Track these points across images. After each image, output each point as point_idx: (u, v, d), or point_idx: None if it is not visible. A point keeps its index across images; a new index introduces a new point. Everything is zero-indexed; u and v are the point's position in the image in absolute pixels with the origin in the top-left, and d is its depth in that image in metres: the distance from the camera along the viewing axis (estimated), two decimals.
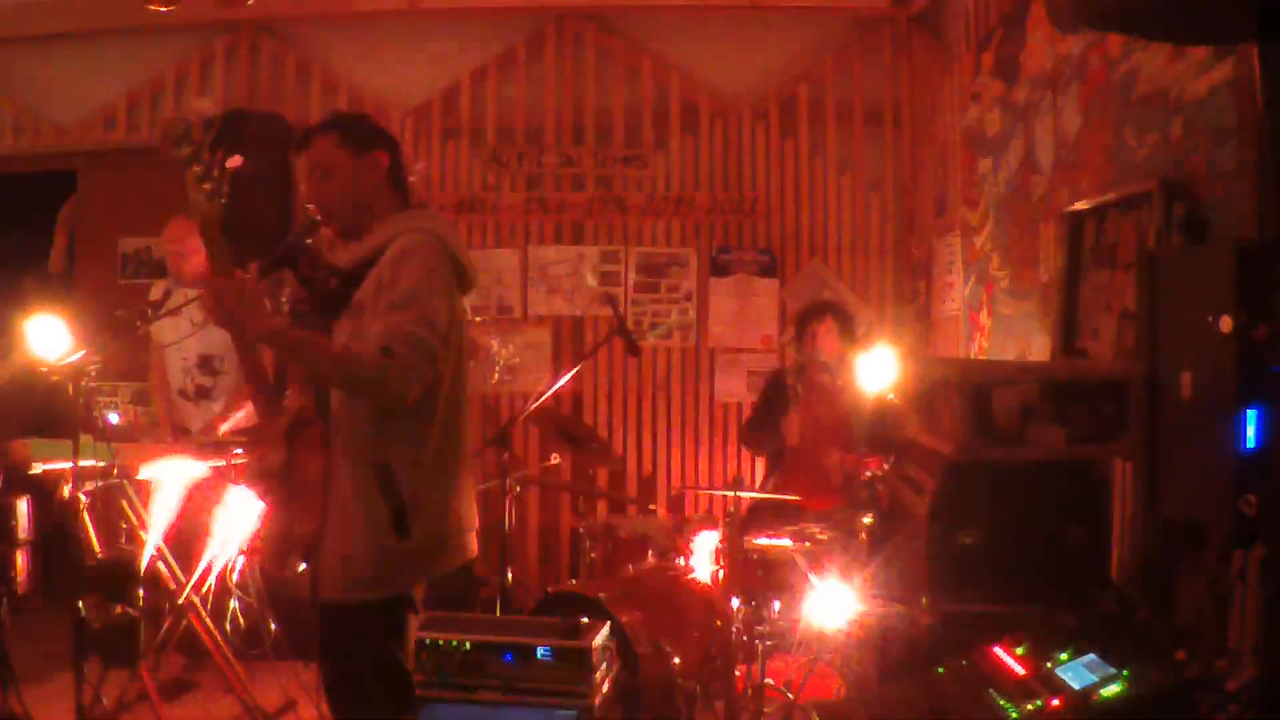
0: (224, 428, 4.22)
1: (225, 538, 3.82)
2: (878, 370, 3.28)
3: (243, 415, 4.25)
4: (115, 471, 3.64)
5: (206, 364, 4.32)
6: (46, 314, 3.15)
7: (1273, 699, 1.74)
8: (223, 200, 2.28)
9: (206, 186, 2.26)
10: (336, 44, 5.88)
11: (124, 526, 3.79)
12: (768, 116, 5.68)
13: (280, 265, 2.49)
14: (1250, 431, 1.84)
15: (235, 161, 2.28)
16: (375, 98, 5.74)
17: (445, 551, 2.47)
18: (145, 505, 3.76)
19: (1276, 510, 1.80)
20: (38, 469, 3.62)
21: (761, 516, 4.21)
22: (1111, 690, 1.80)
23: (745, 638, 3.61)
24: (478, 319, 5.49)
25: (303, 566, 2.40)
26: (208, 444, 3.93)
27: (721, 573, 3.87)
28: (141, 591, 3.60)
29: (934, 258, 5.30)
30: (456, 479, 2.47)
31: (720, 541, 3.94)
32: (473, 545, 2.55)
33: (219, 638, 3.93)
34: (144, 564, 3.67)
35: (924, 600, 2.50)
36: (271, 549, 2.44)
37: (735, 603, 3.69)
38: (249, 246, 2.73)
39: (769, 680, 3.56)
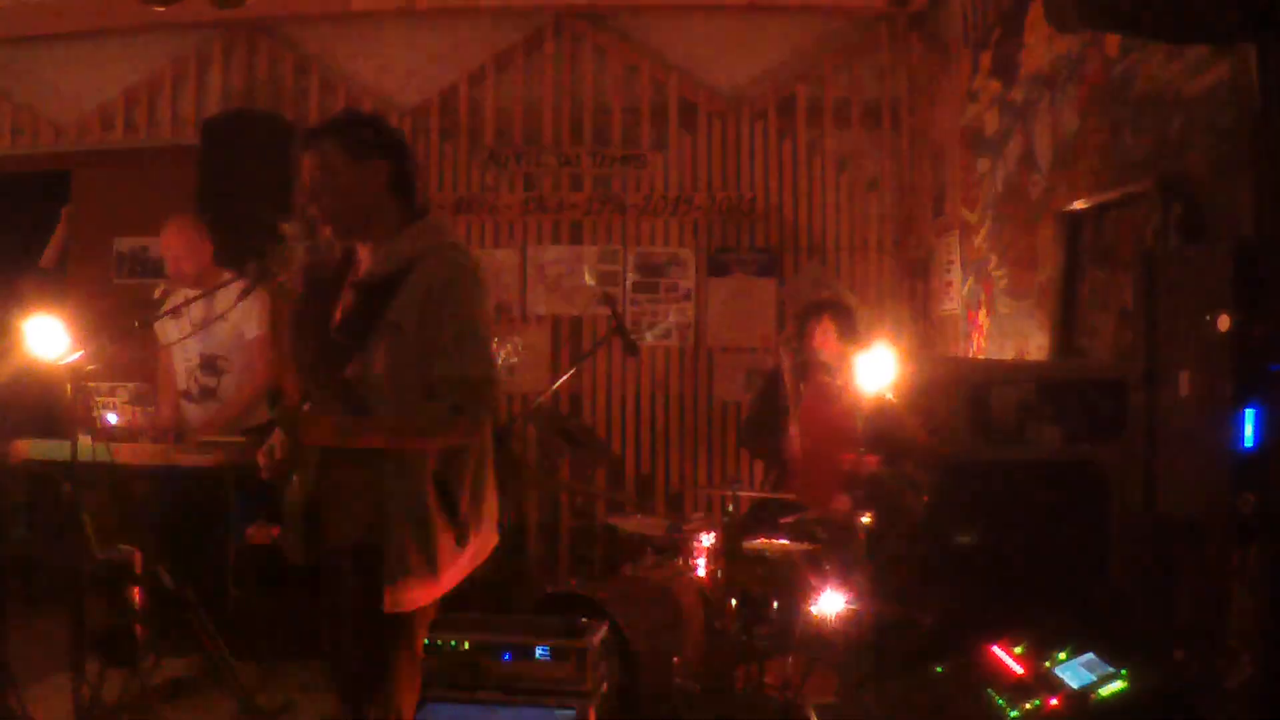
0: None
1: (224, 536, 3.82)
2: (876, 370, 3.28)
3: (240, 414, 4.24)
4: (114, 471, 3.64)
5: (210, 364, 4.30)
6: (44, 314, 3.15)
7: (1271, 699, 1.74)
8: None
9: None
10: (334, 44, 5.87)
11: (122, 527, 3.79)
12: (766, 116, 5.68)
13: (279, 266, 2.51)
14: (1248, 430, 1.84)
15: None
16: (373, 97, 5.74)
17: (487, 551, 2.55)
18: (144, 505, 3.75)
19: (1274, 509, 1.81)
20: (36, 469, 3.62)
21: (760, 516, 4.21)
22: (1110, 689, 1.80)
23: (745, 638, 3.61)
24: None
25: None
26: (208, 444, 3.92)
27: (720, 573, 3.87)
28: (141, 591, 3.59)
29: (932, 257, 5.30)
30: (489, 479, 2.54)
31: (719, 541, 3.94)
32: (495, 538, 2.61)
33: (219, 638, 3.93)
34: (143, 564, 3.66)
35: (923, 600, 2.51)
36: (293, 553, 2.47)
37: (734, 603, 3.69)
38: (248, 247, 2.75)
39: (768, 680, 3.56)
